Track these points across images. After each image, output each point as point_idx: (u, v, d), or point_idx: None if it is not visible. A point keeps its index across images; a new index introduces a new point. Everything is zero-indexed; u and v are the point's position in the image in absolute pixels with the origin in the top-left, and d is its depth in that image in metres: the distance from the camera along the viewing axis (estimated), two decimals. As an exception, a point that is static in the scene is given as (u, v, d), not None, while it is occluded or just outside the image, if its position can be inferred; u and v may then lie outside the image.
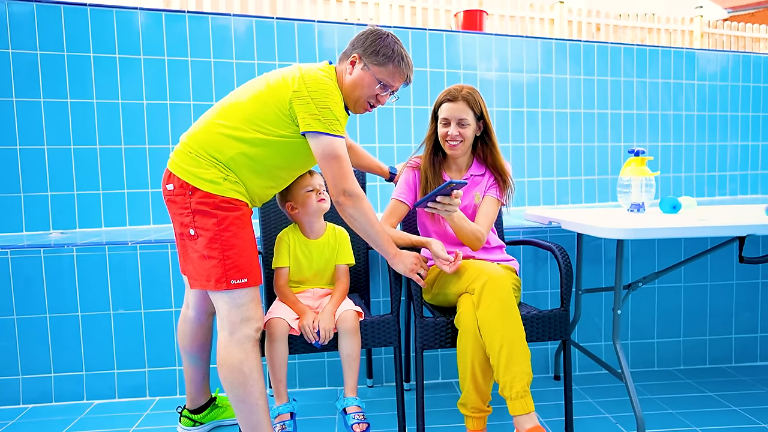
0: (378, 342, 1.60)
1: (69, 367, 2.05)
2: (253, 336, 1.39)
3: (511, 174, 1.80)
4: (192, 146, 1.42)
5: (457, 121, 1.69)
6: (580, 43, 3.69)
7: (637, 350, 2.29)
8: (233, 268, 1.37)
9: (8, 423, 1.90)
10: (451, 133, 1.70)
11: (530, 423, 1.39)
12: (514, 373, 1.40)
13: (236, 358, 1.37)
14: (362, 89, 1.47)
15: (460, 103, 1.69)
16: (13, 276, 2.01)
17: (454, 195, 1.52)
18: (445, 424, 1.81)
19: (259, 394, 1.39)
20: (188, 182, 1.38)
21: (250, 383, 1.37)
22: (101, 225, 2.72)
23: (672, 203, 1.87)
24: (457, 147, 1.72)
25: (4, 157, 2.55)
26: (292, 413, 1.52)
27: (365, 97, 1.49)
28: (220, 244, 1.37)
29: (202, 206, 1.37)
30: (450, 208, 1.53)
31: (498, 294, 1.46)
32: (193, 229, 1.38)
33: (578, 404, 1.95)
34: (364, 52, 1.46)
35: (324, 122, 1.37)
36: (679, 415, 1.85)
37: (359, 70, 1.46)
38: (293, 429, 1.48)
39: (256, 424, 1.39)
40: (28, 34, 2.57)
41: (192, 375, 1.73)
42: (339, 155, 1.39)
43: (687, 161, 4.02)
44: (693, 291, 2.30)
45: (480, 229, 1.67)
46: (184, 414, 1.78)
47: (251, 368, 1.37)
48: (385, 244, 1.51)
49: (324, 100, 1.38)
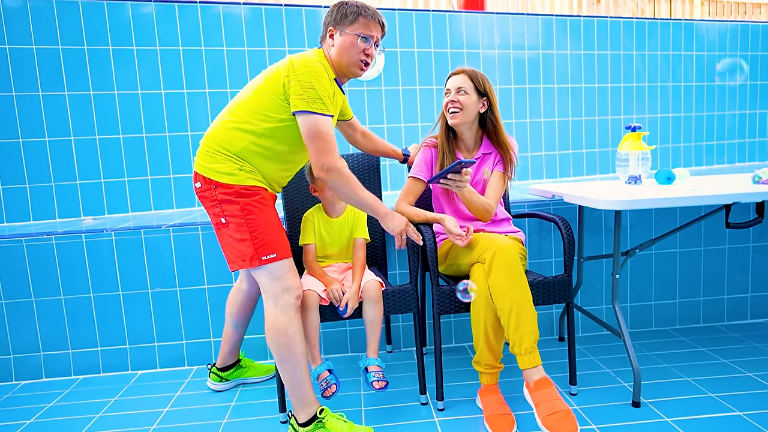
0: (399, 309, 1.77)
1: (114, 341, 2.24)
2: (294, 303, 1.56)
3: (517, 149, 1.94)
4: (209, 145, 1.59)
5: (457, 89, 1.85)
6: (580, 19, 3.76)
7: (636, 312, 2.46)
8: (262, 245, 1.53)
9: (63, 392, 2.10)
10: (450, 98, 1.86)
11: (538, 375, 1.57)
12: (523, 331, 1.57)
13: (282, 323, 1.54)
14: (348, 51, 1.59)
15: (461, 76, 1.87)
16: (59, 260, 2.18)
17: (464, 172, 1.68)
18: (460, 381, 1.99)
19: (302, 355, 1.56)
20: (210, 178, 1.55)
21: (294, 345, 1.54)
22: (128, 210, 2.88)
23: (667, 175, 2.01)
24: (456, 115, 1.86)
25: (35, 149, 2.70)
26: (330, 369, 1.70)
27: (354, 57, 1.60)
28: (247, 227, 1.53)
29: (226, 196, 1.54)
30: (460, 184, 1.70)
31: (507, 262, 1.62)
32: (223, 217, 1.55)
33: (581, 361, 2.13)
34: (335, 21, 1.60)
35: (308, 101, 1.47)
36: (673, 368, 2.03)
37: (338, 37, 1.60)
38: (336, 381, 1.67)
39: (299, 380, 1.57)
40: (50, 30, 2.68)
41: (231, 338, 1.96)
42: (321, 132, 1.49)
43: (686, 131, 4.12)
44: (688, 256, 2.46)
45: (489, 202, 1.83)
46: (213, 371, 2.01)
47: (295, 332, 1.55)
48: (374, 205, 1.60)
49: (308, 80, 1.48)
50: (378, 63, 3.27)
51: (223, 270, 2.25)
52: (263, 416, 1.82)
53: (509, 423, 1.61)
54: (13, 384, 2.19)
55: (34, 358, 2.21)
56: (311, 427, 1.57)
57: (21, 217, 2.71)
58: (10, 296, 2.17)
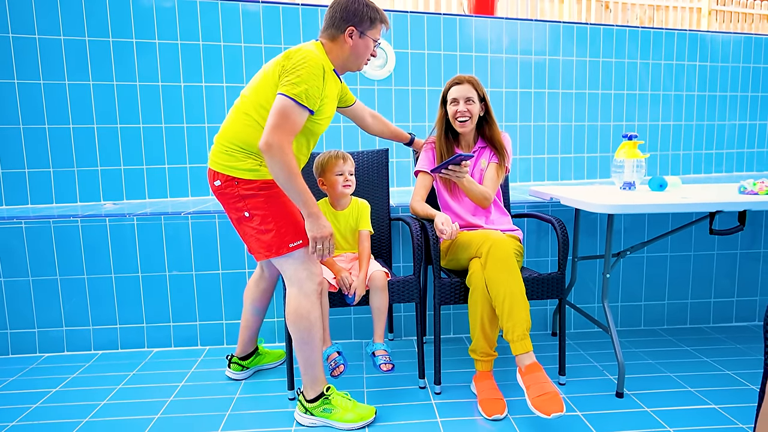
0: (402, 298, 1.90)
1: (132, 319, 2.38)
2: (316, 289, 1.66)
3: (510, 143, 2.10)
4: (225, 144, 1.65)
5: (465, 99, 1.98)
6: (587, 26, 3.87)
7: (627, 311, 2.59)
8: (289, 233, 1.63)
9: (84, 365, 2.24)
10: (460, 109, 1.99)
11: (529, 360, 1.69)
12: (515, 320, 1.70)
13: (305, 308, 1.64)
14: (365, 52, 1.71)
15: (466, 85, 2.00)
16: (83, 241, 2.31)
17: (463, 165, 1.82)
18: (456, 369, 2.12)
19: (319, 339, 1.69)
20: (232, 175, 1.63)
21: (314, 329, 1.66)
22: (145, 197, 3.01)
23: (659, 182, 2.13)
24: (466, 123, 2.00)
25: (59, 135, 2.83)
26: (339, 351, 1.84)
27: (365, 57, 1.73)
28: (272, 217, 1.63)
29: (249, 191, 1.63)
30: (460, 175, 1.85)
31: (501, 255, 1.75)
32: (247, 211, 1.64)
33: (571, 355, 2.26)
34: (357, 23, 1.65)
35: (288, 86, 1.52)
36: (657, 365, 2.15)
37: (357, 39, 1.67)
38: (344, 362, 1.81)
39: (314, 361, 1.70)
40: (77, 22, 2.81)
41: (252, 325, 2.06)
42: (284, 113, 1.51)
43: (686, 139, 4.23)
44: (678, 260, 2.58)
45: (487, 190, 1.99)
46: (234, 361, 2.10)
47: (317, 317, 1.66)
48: (304, 199, 1.56)
49: (297, 68, 1.53)
50: (389, 63, 3.39)
51: (237, 256, 2.39)
52: (273, 393, 1.96)
53: (501, 407, 1.75)
54: (37, 356, 2.34)
55: (57, 332, 2.35)
56: (318, 402, 1.71)
57: (45, 199, 2.85)
58: (37, 274, 2.31)
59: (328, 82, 1.63)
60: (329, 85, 1.64)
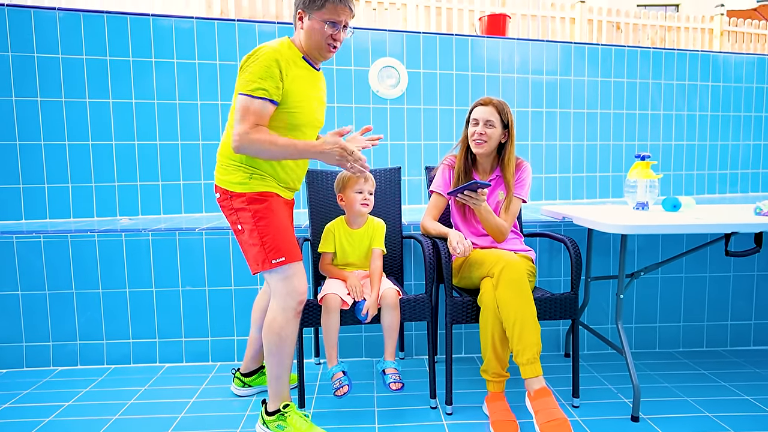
0: (413, 317, 1.90)
1: (145, 334, 2.39)
2: (294, 307, 1.67)
3: (530, 173, 2.06)
4: (221, 159, 1.72)
5: (485, 122, 1.97)
6: (599, 47, 3.89)
7: (641, 333, 2.55)
8: (272, 250, 1.64)
9: (96, 379, 2.25)
10: (477, 131, 1.98)
11: (538, 384, 1.68)
12: (526, 343, 1.68)
13: (278, 323, 1.67)
14: (315, 35, 1.64)
15: (490, 107, 1.98)
16: (99, 256, 2.35)
17: (480, 192, 1.81)
18: (468, 389, 2.10)
19: (288, 356, 1.71)
20: (226, 189, 1.69)
21: (283, 346, 1.68)
22: (160, 212, 3.06)
23: (673, 202, 2.12)
24: (482, 145, 1.99)
25: (78, 151, 2.90)
26: (344, 371, 1.83)
27: (322, 42, 1.64)
28: (258, 233, 1.65)
29: (240, 204, 1.67)
30: (476, 202, 1.83)
31: (513, 276, 1.74)
32: (239, 224, 1.69)
33: (585, 377, 2.22)
34: (304, 5, 1.63)
35: (242, 84, 1.55)
36: (673, 388, 2.11)
37: (306, 22, 1.64)
38: (349, 382, 1.79)
39: (279, 375, 1.71)
40: (99, 43, 2.89)
41: (254, 342, 2.06)
42: (243, 109, 1.54)
43: (699, 160, 4.21)
44: (693, 281, 2.55)
45: (504, 224, 1.96)
46: (237, 376, 2.11)
47: (287, 335, 1.68)
48: (299, 149, 1.60)
49: (249, 64, 1.55)
50: (401, 82, 3.44)
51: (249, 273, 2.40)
52: (282, 411, 1.95)
53: (514, 428, 1.72)
54: (51, 369, 2.36)
55: (71, 346, 2.37)
56: (275, 417, 1.73)
57: (62, 214, 2.90)
58: (53, 288, 2.34)
59: (291, 71, 1.61)
60: (294, 73, 1.62)
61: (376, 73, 3.40)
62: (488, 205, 1.91)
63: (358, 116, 3.39)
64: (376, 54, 3.40)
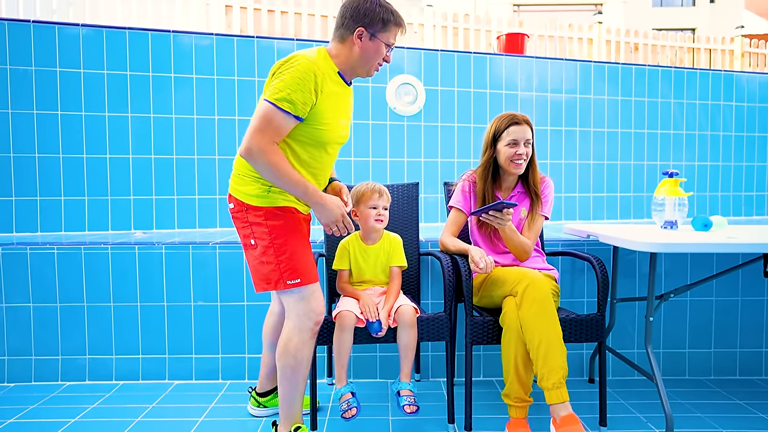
0: (432, 336, 1.82)
1: (155, 350, 2.34)
2: (311, 328, 1.60)
3: (552, 188, 2.00)
4: (238, 168, 1.63)
5: (525, 141, 1.91)
6: (618, 66, 3.85)
7: (669, 359, 2.43)
8: (287, 270, 1.55)
9: (104, 395, 2.20)
10: (520, 152, 1.89)
11: (564, 411, 1.58)
12: (551, 366, 1.59)
13: (294, 345, 1.59)
14: (375, 56, 1.59)
15: (525, 126, 1.91)
16: (112, 269, 2.32)
17: (505, 212, 1.74)
18: (489, 414, 2.00)
19: (302, 379, 1.63)
20: (241, 200, 1.59)
21: (299, 368, 1.61)
22: (174, 227, 3.04)
23: (703, 221, 2.03)
24: (521, 165, 1.92)
25: (95, 164, 2.91)
26: (353, 392, 1.75)
27: (375, 62, 1.61)
28: (274, 251, 1.56)
29: (256, 218, 1.57)
30: (501, 222, 1.76)
31: (537, 296, 1.66)
32: (252, 239, 1.59)
33: (611, 405, 2.10)
34: (366, 24, 1.55)
35: (271, 90, 1.47)
36: (708, 419, 1.99)
37: (367, 41, 1.56)
38: (357, 405, 1.71)
39: (292, 399, 1.65)
40: (120, 59, 2.92)
41: (268, 361, 1.98)
42: (265, 117, 1.45)
43: (723, 181, 4.09)
44: (724, 305, 2.43)
45: (528, 243, 1.89)
46: (252, 395, 2.03)
47: (303, 356, 1.60)
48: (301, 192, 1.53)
49: (282, 73, 1.47)
50: (419, 100, 3.42)
51: (263, 288, 2.35)
52: (294, 433, 1.87)
53: (537, 458, 1.62)
54: (59, 384, 2.31)
55: (80, 360, 2.33)
56: None
57: (78, 227, 2.89)
58: (65, 300, 2.31)
59: (327, 86, 1.54)
60: (329, 89, 1.55)
61: (394, 90, 3.38)
62: (512, 225, 1.84)
63: (375, 133, 3.36)
64: (393, 71, 3.39)
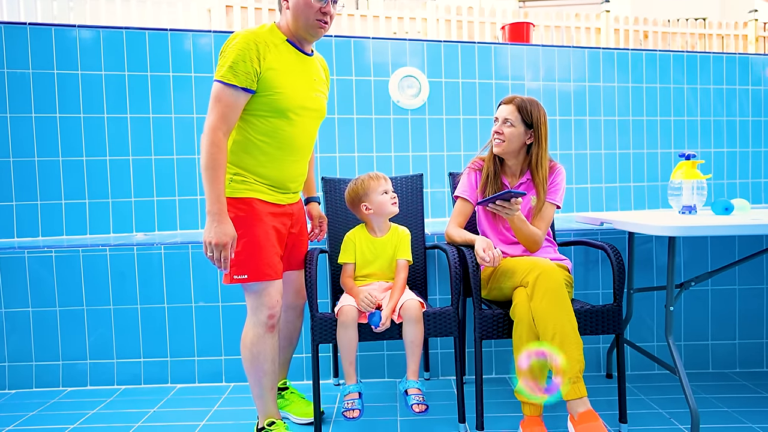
0: (439, 332, 1.73)
1: (156, 353, 2.28)
2: (265, 322, 1.59)
3: (564, 177, 1.90)
4: None
5: (503, 120, 1.84)
6: (628, 52, 3.73)
7: (691, 351, 2.32)
8: (236, 264, 1.54)
9: (105, 401, 2.14)
10: (496, 129, 1.86)
11: (583, 407, 1.49)
12: (567, 359, 1.50)
13: (249, 339, 1.60)
14: (304, 11, 1.53)
15: (510, 106, 1.85)
16: (111, 271, 2.27)
17: (513, 201, 1.66)
18: (501, 413, 1.91)
19: (263, 373, 1.60)
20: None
21: (256, 362, 1.60)
22: (176, 228, 2.98)
23: (724, 205, 1.92)
24: (500, 144, 1.85)
25: (95, 167, 2.86)
26: (360, 392, 1.67)
27: (311, 17, 1.53)
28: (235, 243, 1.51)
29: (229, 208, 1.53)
30: (509, 212, 1.68)
31: (550, 286, 1.57)
32: None
33: (631, 400, 2.00)
34: None
35: (218, 69, 1.47)
36: (735, 413, 1.88)
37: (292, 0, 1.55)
38: (361, 407, 1.63)
39: (258, 393, 1.65)
40: (118, 59, 2.88)
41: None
42: (215, 96, 1.47)
43: (742, 167, 3.95)
44: (748, 293, 2.31)
45: (538, 233, 1.80)
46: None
47: (260, 350, 1.59)
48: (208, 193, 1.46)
49: (224, 50, 1.49)
50: (422, 92, 3.34)
51: (265, 287, 2.28)
52: (298, 436, 1.80)
53: (554, 458, 1.53)
54: (60, 390, 2.26)
55: (81, 365, 2.28)
56: None
57: (79, 230, 2.85)
58: (64, 304, 2.27)
59: (271, 53, 1.51)
60: (274, 56, 1.52)
61: (397, 83, 3.31)
62: (522, 215, 1.75)
63: (378, 127, 3.29)
64: (396, 64, 3.31)
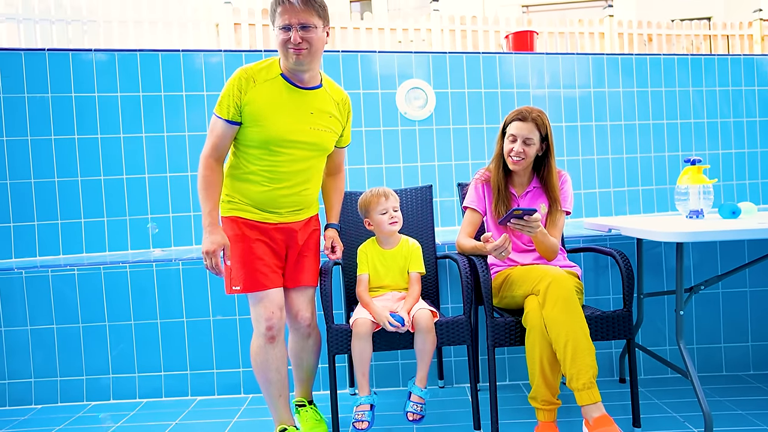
0: (452, 340, 1.77)
1: (176, 366, 2.34)
2: (264, 333, 1.66)
3: (570, 183, 1.94)
4: None
5: (524, 140, 1.85)
6: (632, 57, 3.76)
7: (704, 354, 2.33)
8: (234, 276, 1.69)
9: (128, 414, 2.20)
10: (516, 149, 1.86)
11: (597, 412, 1.51)
12: (580, 366, 1.53)
13: (253, 350, 1.70)
14: (278, 44, 1.59)
15: (529, 124, 1.85)
16: (131, 287, 2.34)
17: (529, 219, 1.68)
18: (516, 419, 1.94)
19: (268, 383, 1.68)
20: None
21: (262, 372, 1.69)
22: (192, 243, 3.05)
23: (731, 209, 1.94)
24: (519, 163, 1.88)
25: (113, 186, 2.95)
26: (372, 405, 1.71)
27: (283, 47, 1.58)
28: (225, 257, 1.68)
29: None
30: (531, 230, 1.70)
31: (561, 293, 1.60)
32: None
33: (644, 404, 2.02)
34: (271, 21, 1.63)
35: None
36: (749, 416, 1.89)
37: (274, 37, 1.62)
38: (371, 419, 1.67)
39: (269, 402, 1.73)
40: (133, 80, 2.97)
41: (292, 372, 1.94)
42: (209, 128, 1.68)
43: (751, 168, 3.95)
44: (759, 295, 2.32)
45: (556, 242, 1.85)
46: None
47: (263, 360, 1.67)
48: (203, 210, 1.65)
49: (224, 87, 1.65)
50: (429, 103, 3.39)
51: (280, 300, 2.33)
52: (317, 445, 1.84)
53: (569, 463, 1.55)
54: (84, 404, 2.32)
55: (104, 380, 2.34)
56: None
57: (98, 248, 2.92)
58: (87, 320, 2.34)
59: (255, 89, 1.61)
60: (258, 91, 1.61)
61: (404, 94, 3.36)
62: (544, 229, 1.78)
63: (387, 139, 3.34)
64: (402, 76, 3.37)
